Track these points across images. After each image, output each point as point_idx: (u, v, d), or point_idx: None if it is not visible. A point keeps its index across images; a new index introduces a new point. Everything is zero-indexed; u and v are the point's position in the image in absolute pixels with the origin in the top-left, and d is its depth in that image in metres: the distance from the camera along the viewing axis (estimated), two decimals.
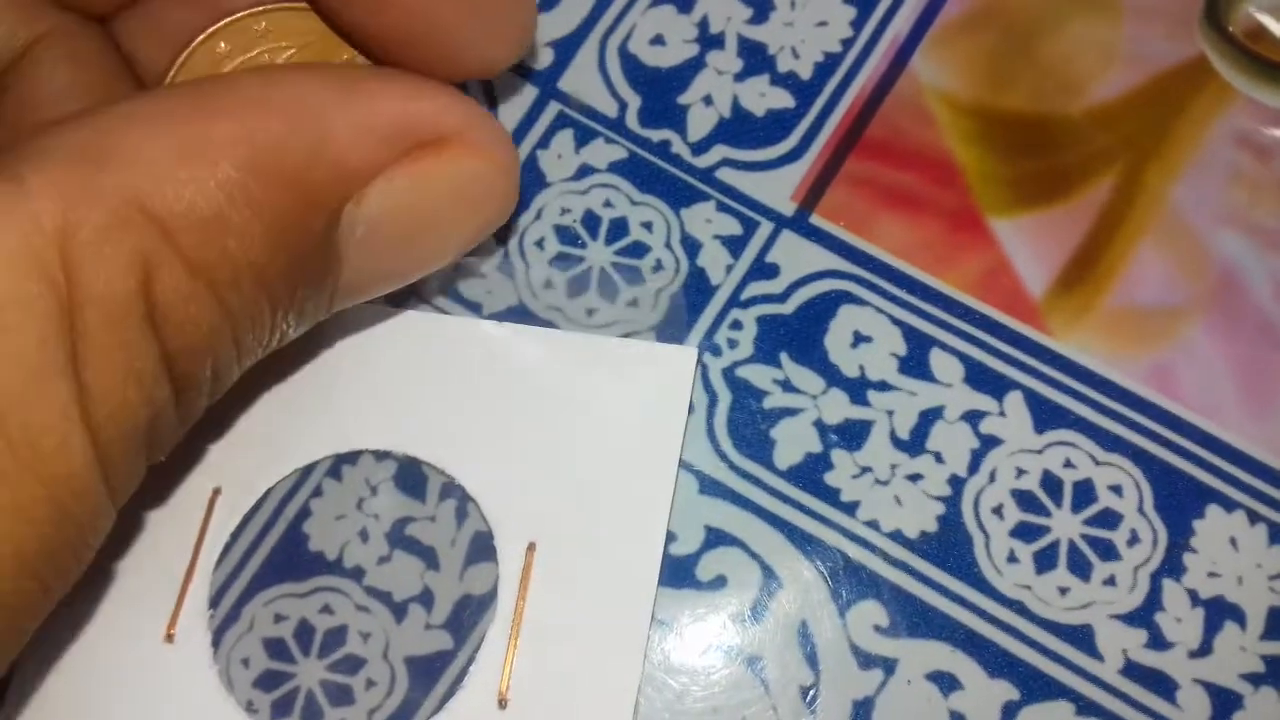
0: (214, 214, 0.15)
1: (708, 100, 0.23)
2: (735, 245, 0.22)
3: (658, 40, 0.24)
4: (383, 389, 0.21)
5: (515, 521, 0.20)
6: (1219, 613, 0.20)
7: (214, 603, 0.20)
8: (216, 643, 0.20)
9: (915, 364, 0.22)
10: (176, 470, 0.20)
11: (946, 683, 0.20)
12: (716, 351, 0.22)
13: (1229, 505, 0.21)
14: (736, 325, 0.22)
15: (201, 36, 0.19)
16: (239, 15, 0.19)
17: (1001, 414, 0.21)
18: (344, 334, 0.21)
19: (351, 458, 0.21)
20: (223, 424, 0.21)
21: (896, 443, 0.21)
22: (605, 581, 0.20)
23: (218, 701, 0.19)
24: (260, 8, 0.19)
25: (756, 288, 0.22)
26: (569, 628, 0.19)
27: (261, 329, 0.16)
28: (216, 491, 0.20)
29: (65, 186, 0.14)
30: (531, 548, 0.20)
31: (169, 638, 0.20)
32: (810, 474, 0.21)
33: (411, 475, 0.21)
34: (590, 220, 0.23)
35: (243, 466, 0.21)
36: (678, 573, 0.20)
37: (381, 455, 0.21)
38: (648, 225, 0.22)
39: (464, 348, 0.21)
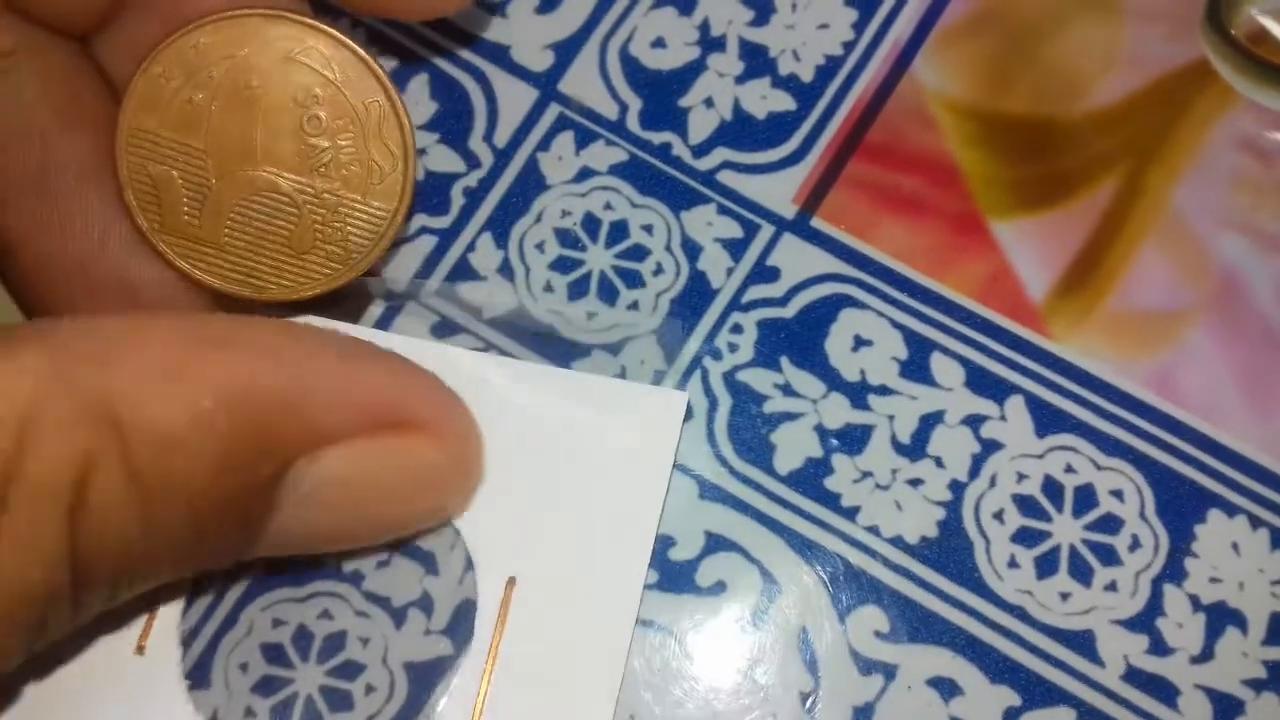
0: (172, 435, 0.15)
1: (709, 103, 0.23)
2: (736, 248, 0.22)
3: (659, 43, 0.24)
4: None
5: (496, 556, 0.20)
6: (1220, 618, 0.20)
7: (206, 612, 0.20)
8: (211, 650, 0.20)
9: (916, 368, 0.22)
10: None
11: (947, 688, 0.20)
12: (717, 355, 0.22)
13: (1230, 510, 0.21)
14: (737, 329, 0.22)
15: (144, 64, 0.19)
16: (173, 39, 0.19)
17: (1002, 418, 0.21)
18: None
19: None
20: None
21: (897, 447, 0.21)
22: (582, 622, 0.19)
23: (186, 715, 0.19)
24: (195, 24, 0.19)
25: (757, 291, 0.22)
26: (543, 666, 0.19)
27: (178, 553, 0.17)
28: None
29: (50, 371, 0.15)
30: (511, 583, 0.20)
31: (140, 650, 0.20)
32: (811, 479, 0.21)
33: None
34: (590, 223, 0.22)
35: None
36: (677, 578, 0.20)
37: None
38: (648, 228, 0.22)
39: (452, 379, 0.20)
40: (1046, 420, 0.21)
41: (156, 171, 0.20)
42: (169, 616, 0.20)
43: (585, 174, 0.23)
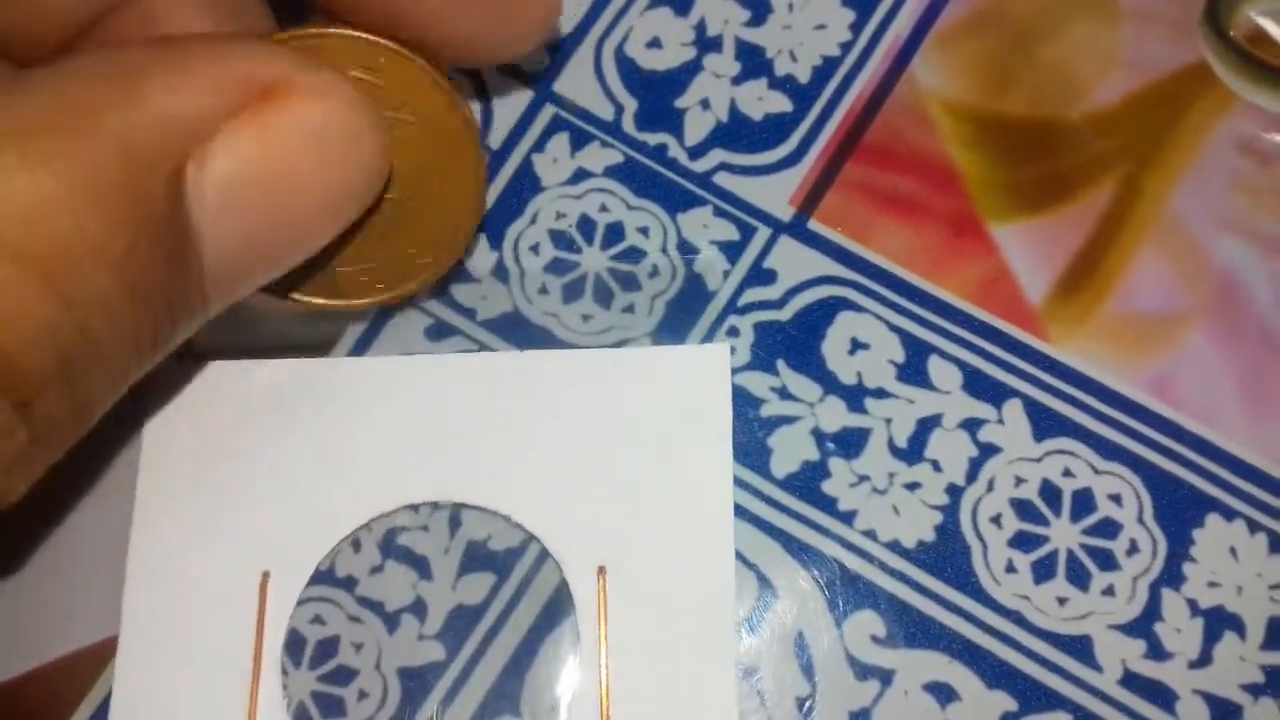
0: (27, 192, 0.14)
1: (705, 104, 0.23)
2: (732, 251, 0.22)
3: (654, 43, 0.23)
4: (417, 439, 0.20)
5: (581, 548, 0.20)
6: (1219, 623, 0.20)
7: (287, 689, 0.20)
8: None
9: (913, 371, 0.21)
10: (223, 556, 0.20)
11: (944, 694, 0.20)
12: None
13: (1229, 514, 0.21)
14: (733, 332, 0.22)
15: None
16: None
17: (1000, 422, 0.21)
18: (369, 389, 0.21)
19: (410, 510, 0.20)
20: (261, 502, 0.20)
21: (894, 451, 0.21)
22: (682, 592, 0.19)
23: None
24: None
25: (753, 294, 0.22)
26: (655, 644, 0.19)
27: (122, 322, 0.15)
28: (266, 575, 0.20)
29: None
30: (602, 571, 0.20)
31: None
32: (807, 483, 0.21)
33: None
34: (586, 225, 0.22)
35: (289, 544, 0.20)
36: None
37: (432, 507, 0.20)
38: (644, 230, 0.22)
39: (494, 384, 0.20)
40: (1044, 424, 0.21)
41: None
42: (271, 697, 0.19)
43: (580, 175, 0.23)
